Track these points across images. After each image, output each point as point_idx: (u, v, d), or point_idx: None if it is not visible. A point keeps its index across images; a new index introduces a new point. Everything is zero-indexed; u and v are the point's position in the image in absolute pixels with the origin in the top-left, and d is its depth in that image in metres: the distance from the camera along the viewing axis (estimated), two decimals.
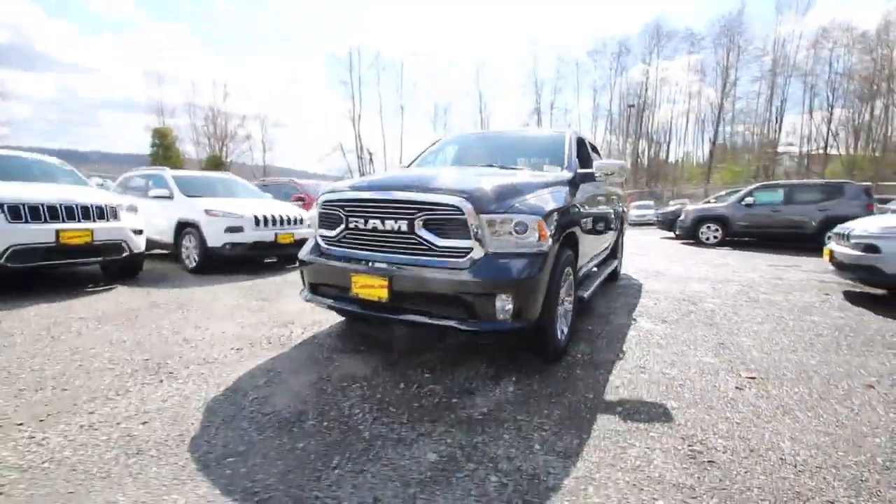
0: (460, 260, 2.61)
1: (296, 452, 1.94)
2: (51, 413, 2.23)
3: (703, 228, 12.21)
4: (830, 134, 41.46)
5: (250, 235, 6.49)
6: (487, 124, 53.08)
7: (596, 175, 3.79)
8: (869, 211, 10.14)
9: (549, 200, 2.95)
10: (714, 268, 7.76)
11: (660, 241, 13.73)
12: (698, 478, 1.79)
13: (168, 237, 6.89)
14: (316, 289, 3.20)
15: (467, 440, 2.06)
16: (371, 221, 2.83)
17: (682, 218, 12.94)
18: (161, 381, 2.67)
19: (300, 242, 7.12)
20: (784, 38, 42.44)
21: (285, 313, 4.25)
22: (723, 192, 16.40)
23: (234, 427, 2.14)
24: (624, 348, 3.39)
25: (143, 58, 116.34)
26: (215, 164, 39.88)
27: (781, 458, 1.94)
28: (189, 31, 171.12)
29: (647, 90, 44.85)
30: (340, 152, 49.92)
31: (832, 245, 5.67)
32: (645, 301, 5.03)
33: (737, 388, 2.69)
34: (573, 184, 3.56)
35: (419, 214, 2.67)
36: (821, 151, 41.89)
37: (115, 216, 5.41)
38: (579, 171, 3.79)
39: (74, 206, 4.98)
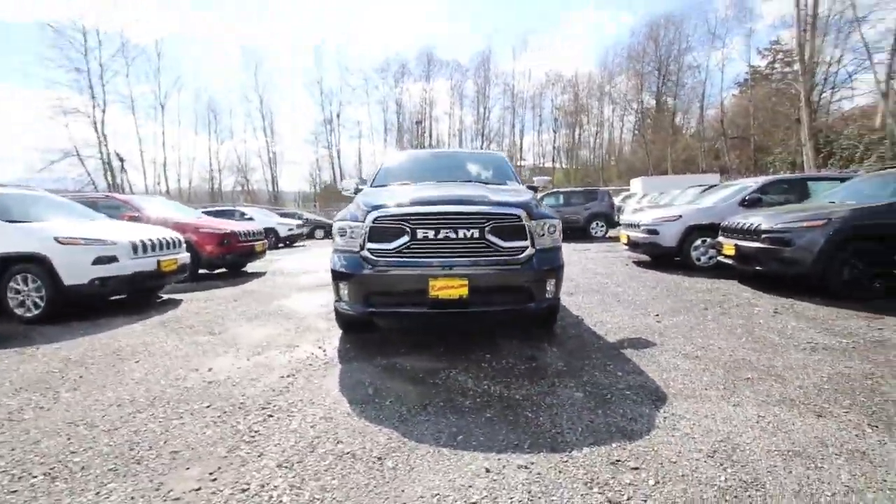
0: (519, 257, 3.37)
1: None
2: None
3: None
4: (555, 151, 55.32)
5: (127, 265, 5.31)
6: (271, 130, 50.44)
7: (538, 188, 4.99)
8: (612, 207, 14.87)
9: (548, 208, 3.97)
10: None
11: None
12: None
13: None
14: (370, 299, 3.38)
15: (543, 381, 2.91)
16: (443, 231, 3.29)
17: None
18: None
19: (183, 268, 6.20)
20: (518, 75, 54.26)
21: (257, 339, 4.04)
22: None
23: None
24: (574, 312, 4.71)
25: None
26: None
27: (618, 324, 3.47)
28: None
29: (427, 107, 50.61)
30: (76, 158, 38.99)
31: (625, 231, 8.46)
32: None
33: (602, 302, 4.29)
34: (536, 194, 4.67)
35: (488, 223, 3.31)
36: (548, 165, 55.41)
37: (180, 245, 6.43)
38: (529, 185, 4.92)
39: (167, 240, 5.99)
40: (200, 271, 7.86)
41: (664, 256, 7.89)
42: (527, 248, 3.38)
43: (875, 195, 5.31)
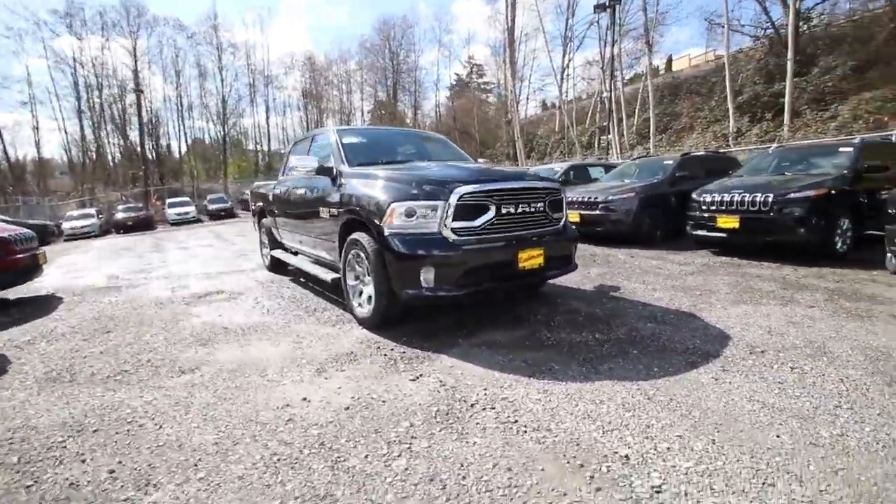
0: (559, 226, 3.80)
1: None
2: None
3: None
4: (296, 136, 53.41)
5: None
6: None
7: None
8: None
9: None
10: None
11: None
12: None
13: None
14: (461, 279, 3.17)
15: (587, 326, 3.68)
16: (521, 206, 3.38)
17: None
18: None
19: None
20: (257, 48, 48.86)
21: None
22: None
23: None
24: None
25: None
26: None
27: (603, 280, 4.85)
28: None
29: (134, 75, 39.54)
30: None
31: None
32: None
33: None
34: None
35: (548, 197, 3.60)
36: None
37: None
38: None
39: None
40: None
41: None
42: (563, 218, 3.84)
43: (648, 175, 8.03)
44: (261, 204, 6.63)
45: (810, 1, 18.33)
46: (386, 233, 3.23)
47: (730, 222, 5.86)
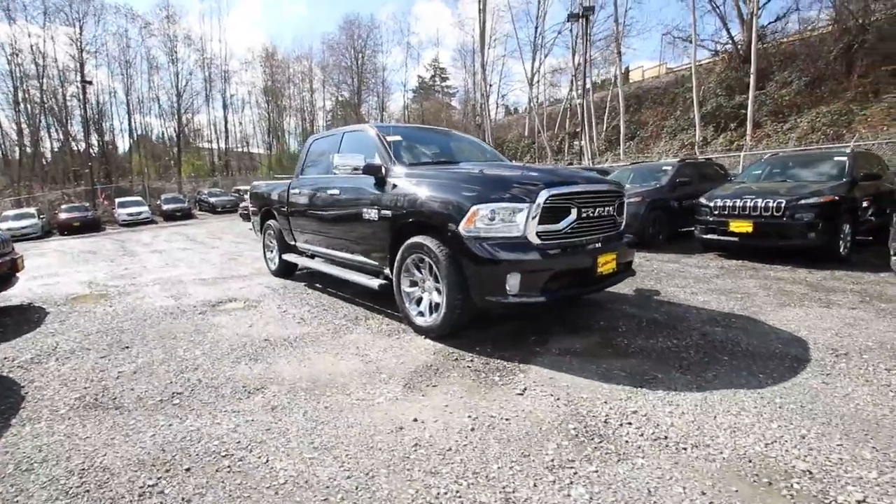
0: (621, 230, 3.75)
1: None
2: None
3: None
4: (255, 133, 51.32)
5: None
6: None
7: None
8: None
9: None
10: None
11: None
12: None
13: None
14: (546, 285, 3.02)
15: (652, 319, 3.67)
16: (597, 209, 3.28)
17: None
18: None
19: None
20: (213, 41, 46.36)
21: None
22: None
23: None
24: None
25: None
26: None
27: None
28: None
29: (79, 66, 36.31)
30: None
31: None
32: None
33: None
34: None
35: (617, 200, 3.52)
36: (255, 151, 51.12)
37: None
38: None
39: None
40: None
41: None
42: (624, 223, 3.79)
43: (648, 181, 8.23)
44: (264, 205, 6.20)
45: (764, 19, 19.64)
46: (464, 236, 3.04)
47: (743, 226, 6.06)
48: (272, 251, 6.22)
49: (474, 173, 3.48)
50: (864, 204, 6.30)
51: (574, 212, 3.14)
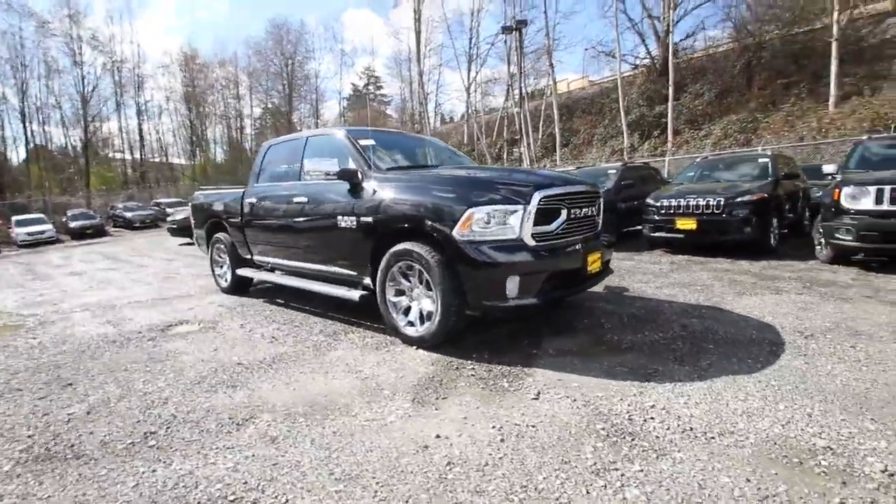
0: (599, 230, 3.86)
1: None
2: None
3: None
4: (175, 141, 47.67)
5: None
6: None
7: None
8: None
9: None
10: None
11: None
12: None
13: None
14: (542, 287, 3.00)
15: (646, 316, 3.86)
16: (584, 210, 3.34)
17: None
18: None
19: None
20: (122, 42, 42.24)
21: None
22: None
23: None
24: None
25: None
26: None
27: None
28: None
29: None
30: None
31: None
32: None
33: None
34: None
35: (598, 201, 3.61)
36: (175, 161, 47.37)
37: None
38: None
39: None
40: None
41: None
42: (600, 223, 3.90)
43: (601, 181, 8.64)
44: (211, 217, 5.70)
45: (676, 36, 21.57)
46: (459, 241, 2.95)
47: (688, 224, 6.52)
48: (222, 266, 5.72)
49: (462, 176, 3.41)
50: (786, 200, 7.04)
51: (564, 213, 3.17)
